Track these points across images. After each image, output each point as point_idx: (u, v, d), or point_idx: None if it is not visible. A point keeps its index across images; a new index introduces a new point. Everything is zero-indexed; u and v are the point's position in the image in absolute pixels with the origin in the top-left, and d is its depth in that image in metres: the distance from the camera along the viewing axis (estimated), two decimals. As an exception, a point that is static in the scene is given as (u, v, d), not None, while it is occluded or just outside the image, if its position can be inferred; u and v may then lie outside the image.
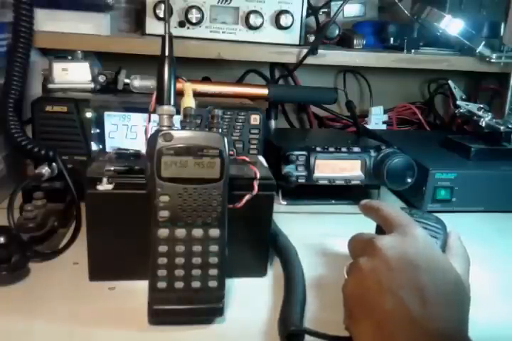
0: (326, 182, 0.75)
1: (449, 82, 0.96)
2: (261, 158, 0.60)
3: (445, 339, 0.37)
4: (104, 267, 0.52)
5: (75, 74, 0.77)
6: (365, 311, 0.40)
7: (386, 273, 0.41)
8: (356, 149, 0.76)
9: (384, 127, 1.07)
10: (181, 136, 0.45)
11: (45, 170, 0.62)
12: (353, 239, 0.49)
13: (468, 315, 0.40)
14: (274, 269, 0.57)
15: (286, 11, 0.89)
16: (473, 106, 0.89)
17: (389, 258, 0.41)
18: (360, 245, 0.46)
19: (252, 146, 0.76)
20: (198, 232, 0.46)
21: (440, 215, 0.52)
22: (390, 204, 0.51)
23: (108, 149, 0.71)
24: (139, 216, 0.47)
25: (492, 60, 0.94)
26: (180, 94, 0.52)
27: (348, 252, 0.50)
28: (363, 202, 0.53)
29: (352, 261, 0.46)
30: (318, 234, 0.67)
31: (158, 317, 0.46)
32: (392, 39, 1.01)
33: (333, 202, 0.80)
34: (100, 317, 0.46)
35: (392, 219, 0.47)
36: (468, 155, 0.83)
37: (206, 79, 0.96)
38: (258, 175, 0.51)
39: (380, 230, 0.48)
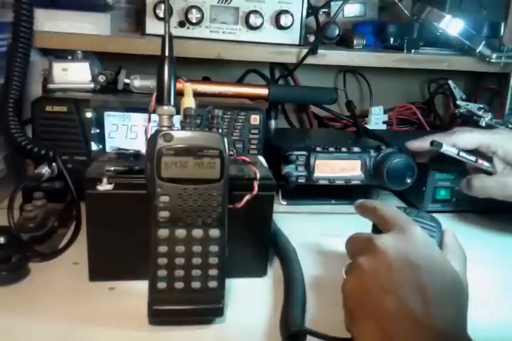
0: (326, 182, 0.75)
1: (449, 82, 0.96)
2: (261, 158, 0.60)
3: (447, 338, 0.37)
4: (104, 267, 0.52)
5: (75, 74, 0.77)
6: (365, 311, 0.40)
7: (386, 272, 0.41)
8: (356, 149, 0.76)
9: (384, 127, 1.07)
10: (181, 136, 0.45)
11: (45, 170, 0.62)
12: (350, 239, 0.49)
13: (466, 314, 0.40)
14: (274, 269, 0.57)
15: (286, 11, 0.88)
16: (473, 106, 0.89)
17: (388, 257, 0.41)
18: (358, 244, 0.46)
19: (252, 146, 0.76)
20: (198, 232, 0.46)
21: (440, 215, 0.52)
22: (387, 204, 0.51)
23: (108, 149, 0.71)
24: (139, 216, 0.47)
25: (492, 60, 0.94)
26: (180, 94, 0.52)
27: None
28: (358, 202, 0.53)
29: (351, 261, 0.46)
30: (318, 234, 0.67)
31: (158, 317, 0.46)
32: (392, 39, 1.01)
33: (333, 202, 0.80)
34: (100, 317, 0.46)
35: (390, 218, 0.46)
36: (468, 155, 0.83)
37: (206, 79, 0.96)
38: (258, 175, 0.51)
39: (377, 230, 0.48)
